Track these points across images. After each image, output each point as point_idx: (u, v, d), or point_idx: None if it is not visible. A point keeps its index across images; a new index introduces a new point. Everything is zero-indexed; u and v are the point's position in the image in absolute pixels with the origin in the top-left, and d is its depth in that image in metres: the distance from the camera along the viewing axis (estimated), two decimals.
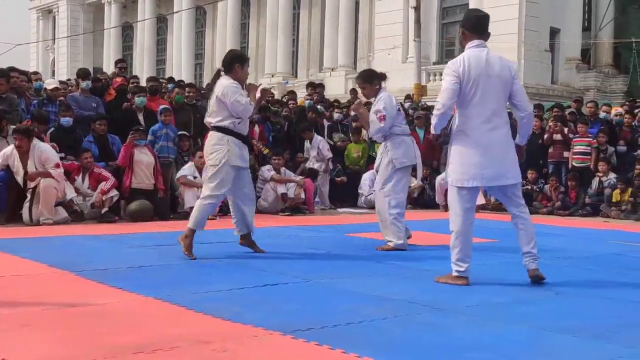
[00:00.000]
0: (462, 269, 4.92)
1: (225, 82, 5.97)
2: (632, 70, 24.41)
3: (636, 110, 13.79)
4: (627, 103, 16.06)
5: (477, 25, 5.03)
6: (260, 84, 6.97)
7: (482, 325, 3.76)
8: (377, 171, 6.97)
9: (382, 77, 6.95)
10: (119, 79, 10.98)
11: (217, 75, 6.13)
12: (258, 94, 6.20)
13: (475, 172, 4.86)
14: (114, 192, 9.13)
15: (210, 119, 6.08)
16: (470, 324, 3.78)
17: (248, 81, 6.36)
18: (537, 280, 4.94)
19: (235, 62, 6.08)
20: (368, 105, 7.53)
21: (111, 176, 9.16)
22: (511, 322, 3.82)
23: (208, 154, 6.07)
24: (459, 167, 4.92)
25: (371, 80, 6.83)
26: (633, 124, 13.29)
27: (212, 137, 6.07)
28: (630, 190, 11.60)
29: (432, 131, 5.11)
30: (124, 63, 14.12)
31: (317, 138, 12.19)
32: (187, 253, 5.93)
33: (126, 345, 3.18)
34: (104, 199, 8.90)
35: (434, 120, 4.99)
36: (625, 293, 4.76)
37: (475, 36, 4.99)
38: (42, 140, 9.10)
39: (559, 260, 6.08)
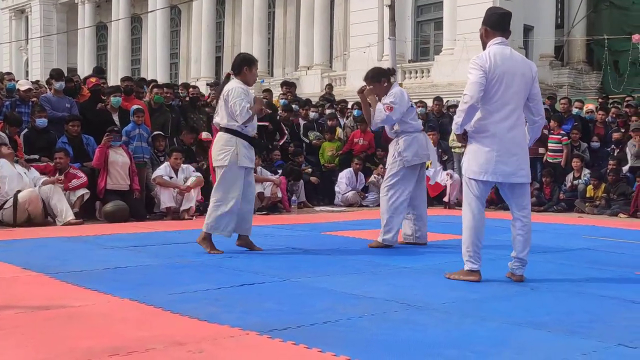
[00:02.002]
0: (475, 265, 4.93)
1: (232, 85, 6.17)
2: (605, 67, 24.68)
3: (609, 107, 13.96)
4: (600, 100, 16.26)
5: (500, 23, 5.04)
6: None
7: (458, 321, 3.79)
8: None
9: (390, 73, 6.94)
10: (93, 80, 10.88)
11: (227, 79, 6.33)
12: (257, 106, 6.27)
13: (490, 168, 4.89)
14: (85, 191, 9.06)
15: (218, 120, 6.24)
16: (446, 320, 3.81)
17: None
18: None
19: (244, 65, 6.26)
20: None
21: (83, 175, 9.08)
22: (486, 319, 3.84)
23: (216, 155, 6.17)
24: (475, 160, 4.95)
25: (378, 78, 6.76)
26: (606, 120, 13.45)
27: (221, 138, 6.21)
28: (603, 186, 11.74)
29: (457, 131, 5.05)
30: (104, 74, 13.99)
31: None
32: (214, 252, 6.08)
33: (101, 348, 3.16)
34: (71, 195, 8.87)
35: (459, 117, 4.93)
36: (599, 288, 4.82)
37: (497, 33, 5.00)
38: (16, 142, 9.02)
39: (533, 255, 6.10)
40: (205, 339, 3.33)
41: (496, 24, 5.04)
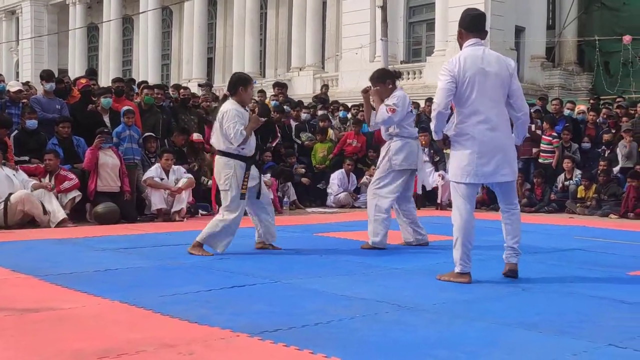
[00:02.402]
0: (465, 267, 4.95)
1: (227, 107, 6.23)
2: (596, 68, 24.74)
3: (601, 108, 14.01)
4: (591, 101, 16.32)
5: (473, 24, 5.08)
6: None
7: (448, 322, 3.79)
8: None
9: (396, 75, 6.99)
10: (83, 81, 10.84)
11: (223, 99, 6.38)
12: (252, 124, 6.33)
13: (472, 170, 4.93)
14: (76, 193, 9.03)
15: (214, 142, 6.36)
16: (437, 321, 3.81)
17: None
18: (510, 275, 5.04)
19: (240, 85, 6.31)
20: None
21: (74, 177, 9.05)
22: (477, 319, 3.85)
23: (219, 179, 6.30)
24: (457, 164, 5.00)
25: (384, 79, 6.79)
26: (597, 121, 13.50)
27: (219, 162, 6.31)
28: (594, 186, 11.77)
29: (434, 137, 5.14)
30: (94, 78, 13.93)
31: None
32: (204, 254, 6.14)
33: (91, 350, 3.15)
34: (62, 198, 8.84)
35: (432, 123, 5.04)
36: (589, 288, 4.83)
37: (471, 35, 5.04)
38: (6, 143, 8.98)
39: (525, 256, 6.09)
40: (195, 340, 3.32)
41: (470, 25, 5.08)
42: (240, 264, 5.74)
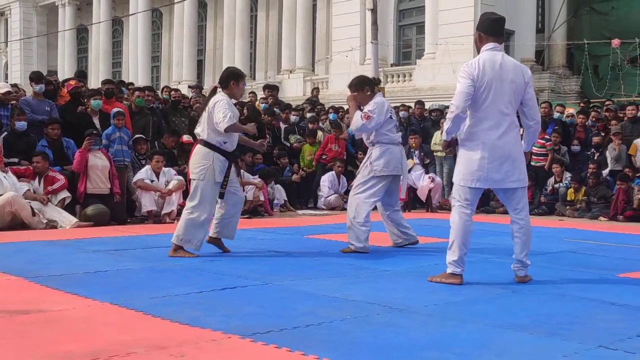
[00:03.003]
0: (457, 269, 4.96)
1: (218, 98, 6.20)
2: (585, 71, 24.86)
3: (590, 111, 14.08)
4: (581, 104, 16.40)
5: (492, 28, 5.06)
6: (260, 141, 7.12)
7: (439, 324, 3.79)
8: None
9: (374, 82, 6.98)
10: (72, 82, 10.80)
11: (213, 92, 6.36)
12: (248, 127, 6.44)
13: (481, 175, 4.94)
14: (66, 194, 8.99)
15: (199, 131, 6.27)
16: (428, 323, 3.82)
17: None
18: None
19: (231, 79, 6.31)
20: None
21: (62, 177, 9.01)
22: (468, 321, 3.86)
23: (193, 167, 6.22)
24: (466, 168, 4.99)
25: (362, 86, 6.78)
26: (586, 124, 13.56)
27: (199, 151, 6.25)
28: (584, 189, 11.83)
29: (444, 137, 5.13)
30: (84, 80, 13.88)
31: None
32: (188, 255, 6.10)
33: (81, 352, 3.13)
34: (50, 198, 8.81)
35: (446, 125, 5.02)
36: (579, 290, 4.85)
37: (490, 39, 5.03)
38: None
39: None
40: (186, 342, 3.31)
41: (489, 29, 5.07)
42: (231, 265, 5.73)
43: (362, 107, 6.71)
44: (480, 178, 4.95)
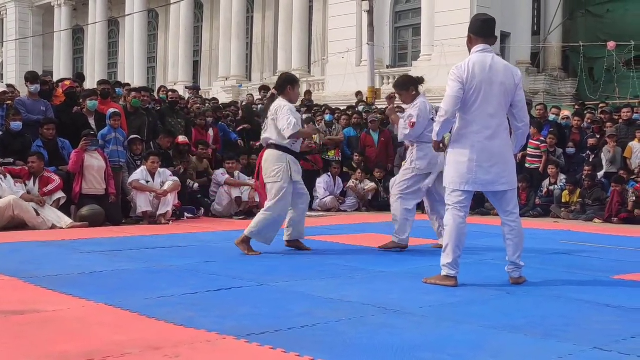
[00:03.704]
0: (452, 271, 4.96)
1: (280, 103, 6.53)
2: (580, 73, 24.91)
3: (585, 113, 14.10)
4: (576, 106, 16.43)
5: (482, 29, 5.06)
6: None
7: (434, 325, 3.80)
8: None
9: (419, 82, 7.08)
10: (67, 82, 10.78)
11: (272, 98, 6.66)
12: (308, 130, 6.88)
13: (471, 177, 4.94)
14: (61, 195, 8.98)
15: (267, 136, 6.58)
16: (423, 324, 3.82)
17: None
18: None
19: (287, 84, 6.65)
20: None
21: (57, 178, 8.99)
22: (463, 322, 3.86)
23: (269, 171, 6.53)
24: (455, 171, 5.00)
25: (407, 87, 6.89)
26: (582, 126, 13.58)
27: (271, 155, 6.56)
28: (579, 191, 11.85)
29: (435, 138, 5.12)
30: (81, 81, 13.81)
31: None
32: (251, 253, 6.41)
33: (76, 352, 3.13)
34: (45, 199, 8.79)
35: (436, 127, 5.03)
36: (574, 292, 4.86)
37: (480, 40, 5.03)
38: None
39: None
40: (181, 343, 3.31)
41: (479, 30, 5.06)
42: (226, 266, 5.73)
43: (403, 108, 6.88)
44: (470, 181, 4.95)
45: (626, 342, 3.50)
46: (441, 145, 5.15)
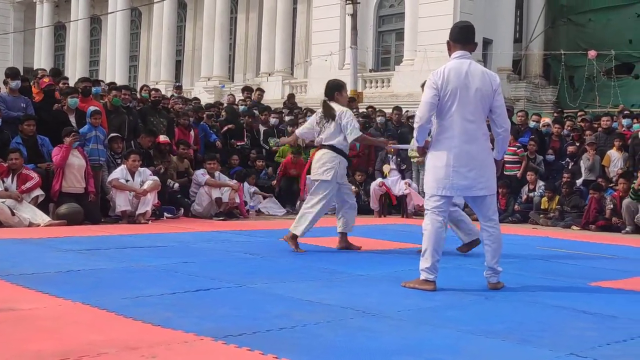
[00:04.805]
0: (430, 275, 4.97)
1: (342, 108, 6.94)
2: (561, 81, 25.09)
3: (564, 120, 14.22)
4: (555, 114, 16.56)
5: (460, 36, 5.11)
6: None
7: (412, 329, 3.81)
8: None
9: None
10: (46, 80, 10.67)
11: (327, 105, 6.94)
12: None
13: (447, 183, 4.97)
14: (39, 192, 8.89)
15: (324, 137, 6.94)
16: (401, 328, 3.83)
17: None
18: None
19: (335, 90, 7.06)
20: None
21: (36, 175, 8.91)
22: (441, 326, 3.87)
23: (319, 169, 6.90)
24: (433, 176, 5.05)
25: None
26: (562, 133, 13.69)
27: (325, 154, 6.92)
28: (557, 198, 11.93)
29: (417, 144, 5.22)
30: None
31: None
32: (298, 250, 6.82)
33: (51, 352, 3.10)
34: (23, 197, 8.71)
35: (415, 134, 5.14)
36: (551, 298, 4.88)
37: (459, 46, 5.07)
38: None
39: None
40: (158, 344, 3.29)
41: (457, 36, 5.11)
42: (205, 267, 5.71)
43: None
44: (447, 186, 4.98)
45: (602, 349, 3.53)
46: (426, 150, 5.18)
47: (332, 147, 6.89)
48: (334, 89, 7.06)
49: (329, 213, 12.20)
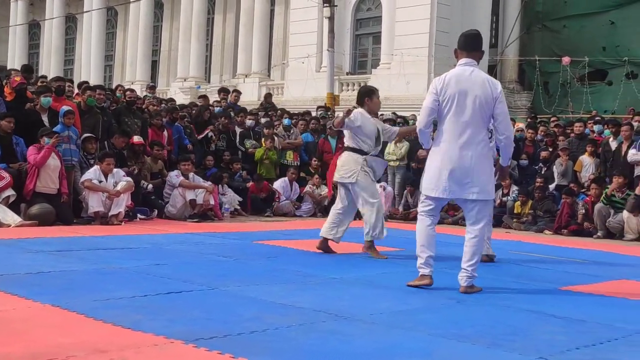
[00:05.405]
0: (425, 270, 5.19)
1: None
2: (536, 87, 25.34)
3: (537, 125, 14.36)
4: (528, 119, 16.70)
5: (465, 43, 5.30)
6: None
7: (384, 332, 3.81)
8: None
9: None
10: (18, 79, 10.53)
11: (348, 113, 6.92)
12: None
13: (440, 184, 5.16)
14: (10, 192, 8.78)
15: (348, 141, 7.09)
16: (373, 331, 3.83)
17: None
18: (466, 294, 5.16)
19: (365, 97, 7.12)
20: None
21: (7, 175, 8.80)
22: (412, 330, 3.88)
23: (344, 172, 6.98)
24: (427, 177, 5.28)
25: None
26: (535, 139, 13.82)
27: (350, 156, 7.00)
28: (530, 202, 12.03)
29: (424, 146, 5.60)
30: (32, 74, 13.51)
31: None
32: (379, 257, 6.83)
33: (19, 354, 3.06)
34: None
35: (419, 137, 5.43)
36: (522, 302, 4.92)
37: (464, 54, 5.26)
38: None
39: (459, 270, 6.21)
40: (128, 347, 3.26)
41: (462, 44, 5.32)
42: (177, 270, 5.67)
43: None
44: (439, 188, 5.17)
45: (571, 353, 3.56)
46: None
47: (351, 149, 7.04)
48: (363, 95, 7.14)
49: (304, 216, 12.28)
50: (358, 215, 7.39)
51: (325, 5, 21.65)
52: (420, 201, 5.40)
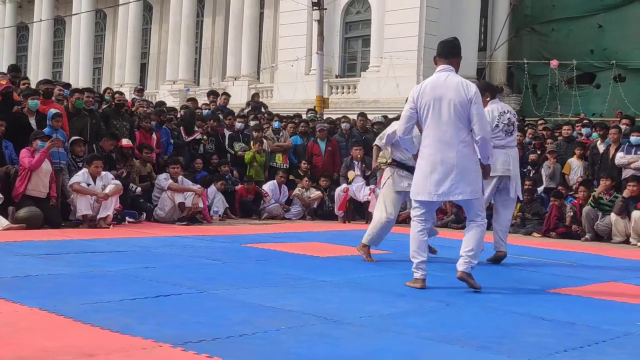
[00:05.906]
0: (417, 273, 5.33)
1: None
2: (525, 90, 25.44)
3: (525, 128, 14.40)
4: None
5: (443, 50, 5.51)
6: None
7: (373, 336, 3.81)
8: None
9: (497, 90, 7.24)
10: (3, 82, 10.47)
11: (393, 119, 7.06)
12: None
13: (426, 188, 5.32)
14: None
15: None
16: (362, 334, 3.83)
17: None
18: (462, 281, 5.33)
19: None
20: None
21: None
22: (401, 333, 3.89)
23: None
24: (415, 182, 5.45)
25: (484, 92, 6.94)
26: (523, 141, 13.86)
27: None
28: (519, 205, 12.06)
29: (413, 152, 5.82)
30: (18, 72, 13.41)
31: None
32: (369, 259, 6.77)
33: (6, 358, 3.04)
34: None
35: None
36: (511, 304, 4.94)
37: (443, 61, 5.45)
38: None
39: (449, 271, 6.22)
40: (116, 350, 3.25)
41: (440, 51, 5.52)
42: (165, 273, 5.65)
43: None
44: (425, 191, 5.33)
45: (559, 355, 3.57)
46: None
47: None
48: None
49: (293, 218, 12.26)
50: (367, 219, 7.47)
51: (314, 8, 21.68)
52: (412, 207, 5.52)
